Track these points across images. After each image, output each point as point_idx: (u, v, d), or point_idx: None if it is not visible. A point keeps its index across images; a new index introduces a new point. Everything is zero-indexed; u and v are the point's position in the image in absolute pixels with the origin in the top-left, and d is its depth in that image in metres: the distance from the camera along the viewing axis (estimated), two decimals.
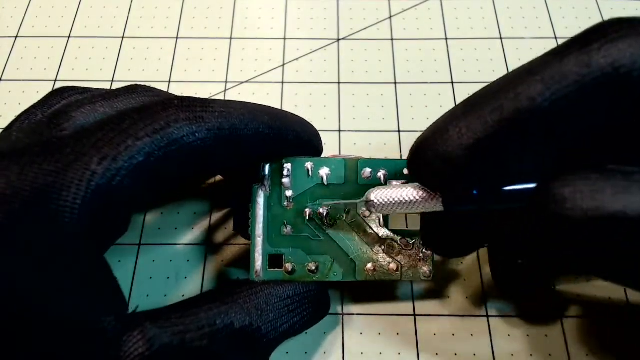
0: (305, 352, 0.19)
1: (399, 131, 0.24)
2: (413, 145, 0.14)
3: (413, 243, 0.18)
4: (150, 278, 0.21)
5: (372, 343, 0.19)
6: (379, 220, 0.18)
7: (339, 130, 0.24)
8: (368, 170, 0.18)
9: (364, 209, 0.18)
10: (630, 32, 0.12)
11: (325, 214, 0.18)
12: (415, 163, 0.14)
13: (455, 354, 0.19)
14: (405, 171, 0.18)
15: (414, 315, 0.20)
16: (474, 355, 0.19)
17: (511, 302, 0.20)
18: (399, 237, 0.18)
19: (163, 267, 0.21)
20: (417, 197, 0.15)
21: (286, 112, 0.18)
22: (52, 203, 0.12)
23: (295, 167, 0.18)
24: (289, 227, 0.18)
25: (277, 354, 0.19)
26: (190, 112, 0.15)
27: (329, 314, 0.20)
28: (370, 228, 0.18)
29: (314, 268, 0.18)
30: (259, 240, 0.18)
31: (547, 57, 0.13)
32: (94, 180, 0.13)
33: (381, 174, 0.18)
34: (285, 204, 0.18)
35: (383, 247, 0.18)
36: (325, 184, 0.18)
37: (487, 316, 0.20)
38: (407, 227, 0.19)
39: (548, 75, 0.12)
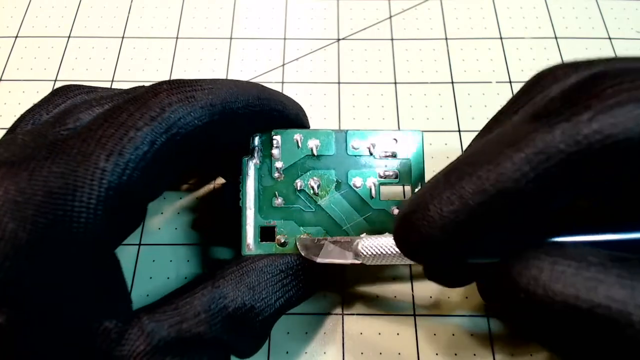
0: (305, 352, 0.19)
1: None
2: (397, 216, 0.14)
3: None
4: (150, 278, 0.21)
5: (372, 343, 0.19)
6: (371, 190, 0.18)
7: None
8: (357, 140, 0.18)
9: (352, 183, 0.18)
10: (624, 97, 0.10)
11: (316, 185, 0.18)
12: (398, 238, 0.14)
13: (456, 354, 0.19)
14: (394, 141, 0.18)
15: (414, 315, 0.20)
16: (474, 355, 0.19)
17: None
18: (392, 207, 0.18)
19: (163, 267, 0.21)
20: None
21: (270, 88, 0.18)
22: (67, 205, 0.12)
23: (284, 139, 0.18)
24: (280, 199, 0.18)
25: (277, 353, 0.19)
26: (181, 94, 0.15)
27: (329, 314, 0.20)
28: (363, 199, 0.18)
29: None
30: (250, 213, 0.18)
31: (531, 124, 0.11)
32: (105, 177, 0.13)
33: (370, 144, 0.18)
34: (276, 175, 0.18)
35: (376, 217, 0.18)
36: (315, 155, 0.18)
37: (488, 316, 0.20)
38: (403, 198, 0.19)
39: (532, 151, 0.11)
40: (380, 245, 0.15)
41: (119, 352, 0.14)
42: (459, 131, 0.24)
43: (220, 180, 0.23)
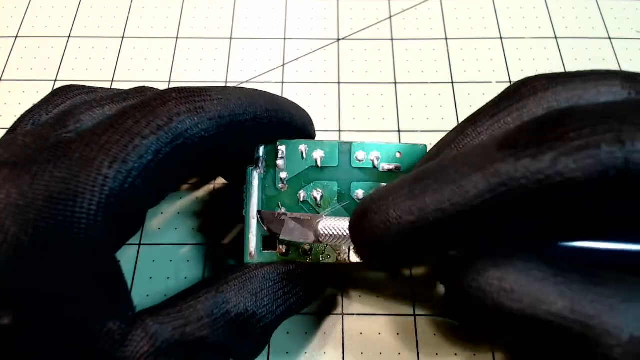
0: (305, 352, 0.19)
1: (399, 131, 0.24)
2: (356, 210, 0.14)
3: None
4: (150, 278, 0.21)
5: (372, 343, 0.19)
6: None
7: (339, 130, 0.24)
8: (362, 153, 0.18)
9: (355, 195, 0.18)
10: (583, 143, 0.11)
11: (319, 196, 0.18)
12: (353, 232, 0.14)
13: (455, 354, 0.19)
14: (398, 155, 0.18)
15: (414, 315, 0.20)
16: (474, 355, 0.19)
17: None
18: None
19: (163, 267, 0.21)
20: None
21: (279, 95, 0.18)
22: (68, 210, 0.12)
23: (289, 150, 0.18)
24: (283, 209, 0.18)
25: (277, 353, 0.19)
26: (190, 104, 0.15)
27: (329, 314, 0.20)
28: None
29: (307, 249, 0.18)
30: (253, 222, 0.18)
31: (498, 152, 0.12)
32: (106, 184, 0.13)
33: (374, 157, 0.18)
34: (280, 185, 0.18)
35: None
36: (319, 166, 0.18)
37: None
38: None
39: (495, 181, 0.11)
40: (339, 227, 0.16)
41: (122, 353, 0.14)
42: None
43: (221, 180, 0.23)
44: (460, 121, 0.24)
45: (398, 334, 0.20)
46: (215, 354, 0.15)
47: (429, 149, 0.19)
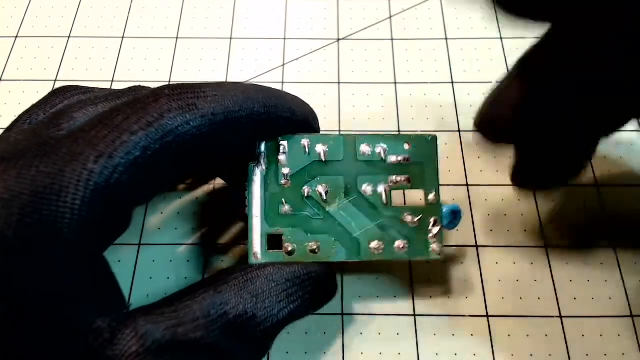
0: (305, 352, 0.19)
1: (399, 131, 0.24)
2: (478, 113, 0.18)
3: (419, 219, 0.17)
4: (150, 278, 0.21)
5: (372, 343, 0.19)
6: (382, 197, 0.18)
7: (339, 130, 0.24)
8: (367, 146, 0.18)
9: (362, 189, 0.18)
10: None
11: (324, 192, 0.17)
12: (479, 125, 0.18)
13: (455, 354, 0.19)
14: (407, 146, 0.18)
15: (414, 315, 0.20)
16: (474, 355, 0.19)
17: (511, 302, 0.20)
18: (405, 214, 0.17)
19: (163, 267, 0.21)
20: None
21: (280, 90, 0.17)
22: (52, 205, 0.12)
23: (291, 145, 0.18)
24: (287, 206, 0.17)
25: (277, 353, 0.19)
26: (182, 101, 0.14)
27: (329, 314, 0.20)
28: (373, 205, 0.18)
29: (315, 248, 0.17)
30: (257, 221, 0.17)
31: None
32: (92, 179, 0.13)
33: (380, 149, 0.18)
34: (283, 182, 0.17)
35: (388, 224, 0.17)
36: (323, 160, 0.18)
37: (487, 316, 0.20)
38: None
39: None
40: None
41: (111, 351, 0.13)
42: (459, 131, 0.24)
43: (220, 180, 0.23)
44: (460, 121, 0.25)
45: (398, 334, 0.20)
46: (209, 357, 0.15)
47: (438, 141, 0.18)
